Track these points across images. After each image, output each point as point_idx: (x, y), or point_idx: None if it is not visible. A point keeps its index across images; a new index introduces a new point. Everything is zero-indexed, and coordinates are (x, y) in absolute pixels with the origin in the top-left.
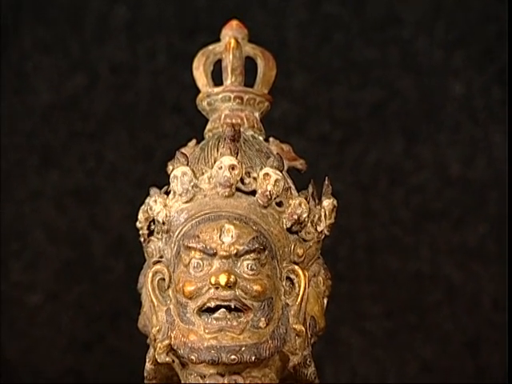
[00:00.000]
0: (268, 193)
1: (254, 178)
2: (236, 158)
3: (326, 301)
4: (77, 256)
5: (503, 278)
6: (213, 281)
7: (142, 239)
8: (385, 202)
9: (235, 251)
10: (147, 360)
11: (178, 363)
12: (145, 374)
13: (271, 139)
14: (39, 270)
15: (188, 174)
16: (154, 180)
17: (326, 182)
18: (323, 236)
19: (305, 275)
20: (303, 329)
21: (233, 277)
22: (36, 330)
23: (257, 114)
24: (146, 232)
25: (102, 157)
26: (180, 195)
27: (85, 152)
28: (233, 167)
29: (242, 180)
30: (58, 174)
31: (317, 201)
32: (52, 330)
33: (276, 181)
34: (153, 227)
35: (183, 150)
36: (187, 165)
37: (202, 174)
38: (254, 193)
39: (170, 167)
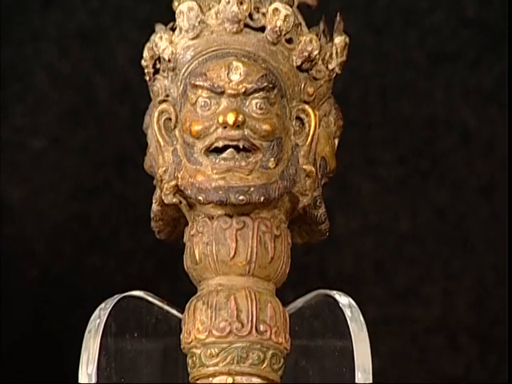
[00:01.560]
0: (278, 29)
1: (263, 14)
2: None
3: (336, 141)
4: (81, 100)
5: None
6: (221, 120)
7: (147, 78)
8: (398, 44)
9: (244, 89)
10: (154, 201)
11: (185, 204)
12: (151, 215)
13: None
14: (42, 114)
15: (194, 9)
16: (161, 21)
17: (338, 18)
18: (334, 74)
19: (315, 114)
20: (313, 169)
21: (241, 116)
22: (40, 175)
23: None
24: (152, 70)
25: None
26: (186, 31)
27: None
28: (241, 2)
29: (250, 15)
30: (61, 15)
31: (328, 38)
32: (56, 175)
33: (286, 16)
34: (158, 66)
35: None
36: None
37: (209, 9)
38: (262, 29)
39: (176, 3)
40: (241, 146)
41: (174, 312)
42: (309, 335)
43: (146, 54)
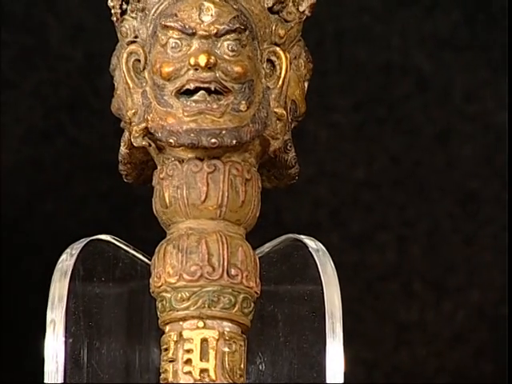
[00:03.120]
0: None
1: None
2: None
3: (306, 85)
4: (34, 43)
5: (474, 68)
6: (192, 61)
7: (114, 18)
8: None
9: (215, 30)
10: (122, 144)
11: (155, 147)
12: (119, 158)
13: None
14: None
15: None
16: None
17: None
18: (305, 17)
19: (286, 57)
20: (284, 113)
21: (213, 57)
22: None
23: None
24: (119, 11)
25: None
26: None
27: None
28: None
29: None
30: None
31: None
32: (9, 119)
33: None
34: (125, 6)
35: None
36: None
37: None
38: None
39: None
40: (212, 89)
41: (140, 256)
42: (277, 280)
43: None
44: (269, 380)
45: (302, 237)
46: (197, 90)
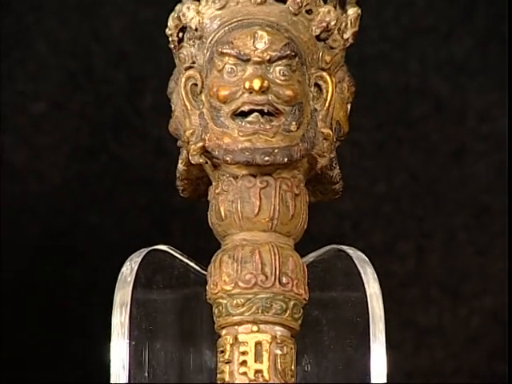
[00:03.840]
0: (299, 0)
1: None
2: None
3: (349, 106)
4: (78, 67)
5: (488, 89)
6: (247, 85)
7: (171, 46)
8: (375, 19)
9: (268, 57)
10: (180, 161)
11: (210, 165)
12: (177, 175)
13: None
14: (43, 79)
15: None
16: None
17: None
18: (348, 44)
19: (332, 81)
20: (331, 132)
21: (266, 82)
22: (41, 137)
23: None
24: (176, 39)
25: None
26: (213, 2)
27: None
28: None
29: None
30: None
31: (342, 10)
32: (56, 137)
33: None
34: (181, 35)
35: None
36: None
37: None
38: (284, 1)
39: None
40: (265, 110)
41: (193, 265)
42: (321, 287)
43: (170, 23)
44: (314, 380)
45: (344, 247)
46: (251, 111)
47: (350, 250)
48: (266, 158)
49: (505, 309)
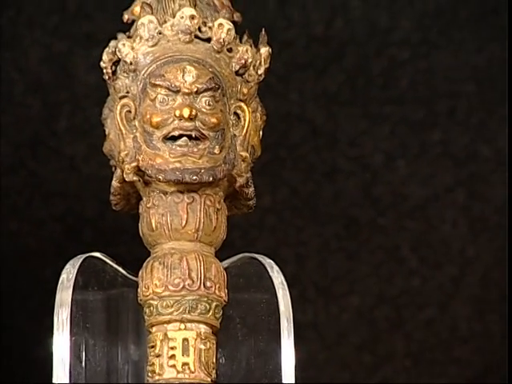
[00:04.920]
0: (222, 40)
1: (210, 27)
2: (195, 9)
3: (261, 133)
4: (1, 93)
5: (356, 118)
6: (177, 113)
7: (106, 77)
8: None
9: (195, 89)
10: (114, 179)
11: (142, 182)
12: (111, 191)
13: None
14: None
15: (154, 22)
16: (68, 29)
17: (263, 32)
18: (261, 78)
19: (248, 111)
20: (247, 155)
21: (194, 110)
22: None
23: None
24: (110, 71)
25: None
26: (146, 40)
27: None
28: (193, 17)
29: (199, 28)
30: None
31: (255, 49)
32: None
33: (228, 30)
34: (113, 68)
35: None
36: (152, 14)
37: (165, 22)
38: (209, 40)
39: (126, 16)
40: (193, 135)
41: (121, 270)
42: (235, 289)
43: (105, 57)
44: (228, 372)
45: (255, 255)
46: (180, 136)
47: (261, 258)
48: (194, 177)
49: (371, 307)
